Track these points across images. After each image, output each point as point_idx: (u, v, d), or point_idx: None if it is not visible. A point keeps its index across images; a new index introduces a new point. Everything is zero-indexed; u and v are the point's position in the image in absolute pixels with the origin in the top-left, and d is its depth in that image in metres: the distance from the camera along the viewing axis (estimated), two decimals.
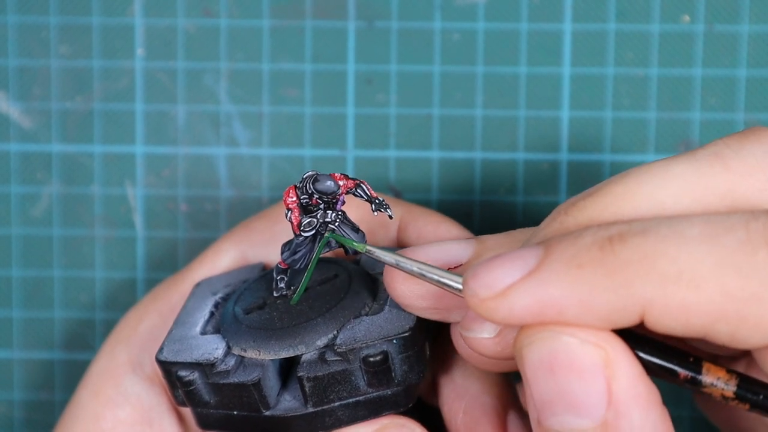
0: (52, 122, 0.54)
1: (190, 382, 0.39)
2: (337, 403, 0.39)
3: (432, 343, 0.43)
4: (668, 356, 0.34)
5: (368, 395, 0.39)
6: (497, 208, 0.54)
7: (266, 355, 0.39)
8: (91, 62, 0.54)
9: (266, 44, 0.54)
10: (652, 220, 0.33)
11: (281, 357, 0.39)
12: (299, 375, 0.39)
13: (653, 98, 0.53)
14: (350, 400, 0.39)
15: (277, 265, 0.42)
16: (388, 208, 0.40)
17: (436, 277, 0.36)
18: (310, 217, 0.40)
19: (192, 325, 0.42)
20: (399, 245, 0.46)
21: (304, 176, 0.40)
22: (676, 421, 0.54)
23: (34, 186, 0.54)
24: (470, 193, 0.54)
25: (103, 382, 0.46)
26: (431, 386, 0.44)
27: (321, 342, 0.39)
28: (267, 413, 0.39)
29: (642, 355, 0.34)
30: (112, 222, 0.54)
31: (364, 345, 0.38)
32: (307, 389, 0.39)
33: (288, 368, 0.41)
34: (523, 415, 0.45)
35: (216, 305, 0.43)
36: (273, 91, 0.54)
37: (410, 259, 0.37)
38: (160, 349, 0.40)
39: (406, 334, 0.38)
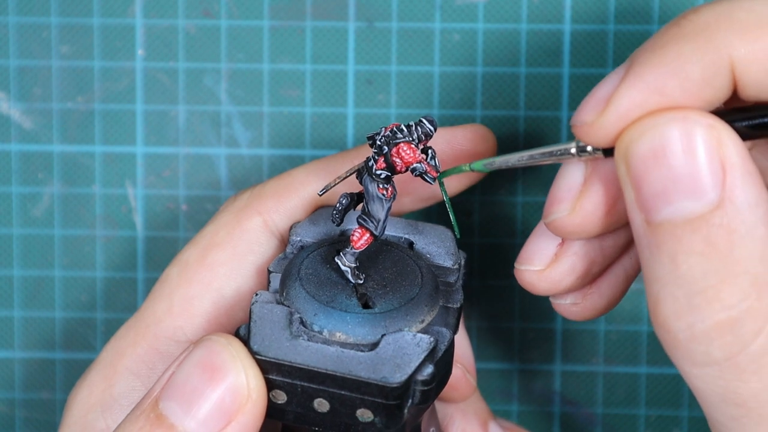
0: (53, 123, 0.54)
1: None
2: None
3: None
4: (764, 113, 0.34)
5: None
6: (497, 207, 0.54)
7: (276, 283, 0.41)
8: (91, 63, 0.54)
9: (266, 44, 0.54)
10: None
11: (276, 288, 0.41)
12: (255, 294, 0.40)
13: None
14: None
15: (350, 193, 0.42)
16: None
17: (548, 150, 0.38)
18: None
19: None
20: None
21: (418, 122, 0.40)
22: (674, 421, 0.55)
23: (35, 186, 0.54)
24: (470, 193, 0.54)
25: None
26: None
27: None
28: None
29: (741, 124, 0.34)
30: (112, 222, 0.55)
31: (249, 323, 0.39)
32: None
33: None
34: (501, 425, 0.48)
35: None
36: (273, 92, 0.54)
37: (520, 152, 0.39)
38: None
39: (254, 355, 0.38)
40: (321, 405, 0.38)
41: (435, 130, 0.39)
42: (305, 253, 0.42)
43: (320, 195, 0.41)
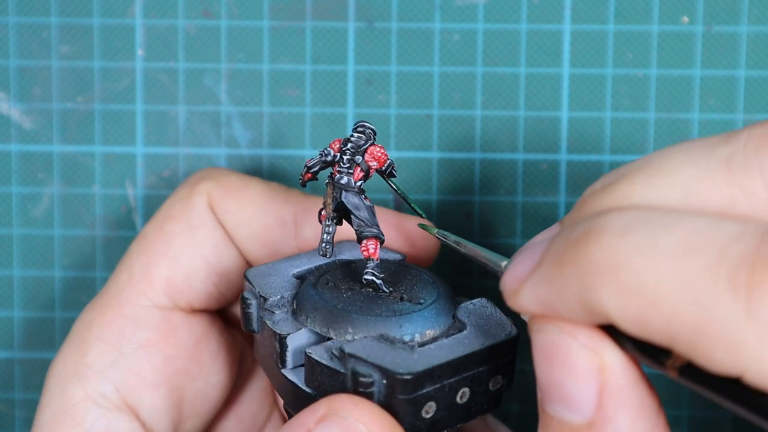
0: (53, 123, 0.54)
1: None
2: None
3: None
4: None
5: None
6: (497, 208, 0.54)
7: (311, 325, 0.41)
8: (91, 63, 0.54)
9: (266, 45, 0.54)
10: (643, 215, 0.32)
11: (316, 331, 0.41)
12: (307, 351, 0.39)
13: (652, 99, 0.53)
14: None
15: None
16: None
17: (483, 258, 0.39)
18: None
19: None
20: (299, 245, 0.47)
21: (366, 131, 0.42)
22: (674, 421, 0.55)
23: (35, 186, 0.54)
24: (470, 194, 0.54)
25: (61, 427, 0.44)
26: None
27: (350, 336, 0.40)
28: (282, 370, 0.41)
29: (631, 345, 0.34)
30: (112, 222, 0.55)
31: (363, 358, 0.38)
32: (306, 368, 0.40)
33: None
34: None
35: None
36: (273, 92, 0.54)
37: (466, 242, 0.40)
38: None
39: (405, 376, 0.37)
40: (463, 396, 0.39)
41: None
42: (319, 299, 0.41)
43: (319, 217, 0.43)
